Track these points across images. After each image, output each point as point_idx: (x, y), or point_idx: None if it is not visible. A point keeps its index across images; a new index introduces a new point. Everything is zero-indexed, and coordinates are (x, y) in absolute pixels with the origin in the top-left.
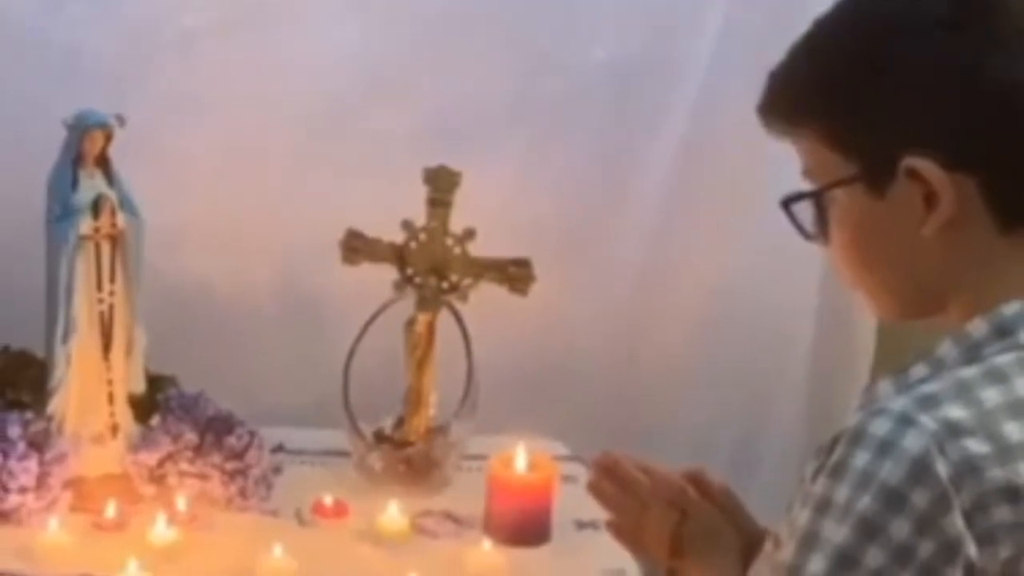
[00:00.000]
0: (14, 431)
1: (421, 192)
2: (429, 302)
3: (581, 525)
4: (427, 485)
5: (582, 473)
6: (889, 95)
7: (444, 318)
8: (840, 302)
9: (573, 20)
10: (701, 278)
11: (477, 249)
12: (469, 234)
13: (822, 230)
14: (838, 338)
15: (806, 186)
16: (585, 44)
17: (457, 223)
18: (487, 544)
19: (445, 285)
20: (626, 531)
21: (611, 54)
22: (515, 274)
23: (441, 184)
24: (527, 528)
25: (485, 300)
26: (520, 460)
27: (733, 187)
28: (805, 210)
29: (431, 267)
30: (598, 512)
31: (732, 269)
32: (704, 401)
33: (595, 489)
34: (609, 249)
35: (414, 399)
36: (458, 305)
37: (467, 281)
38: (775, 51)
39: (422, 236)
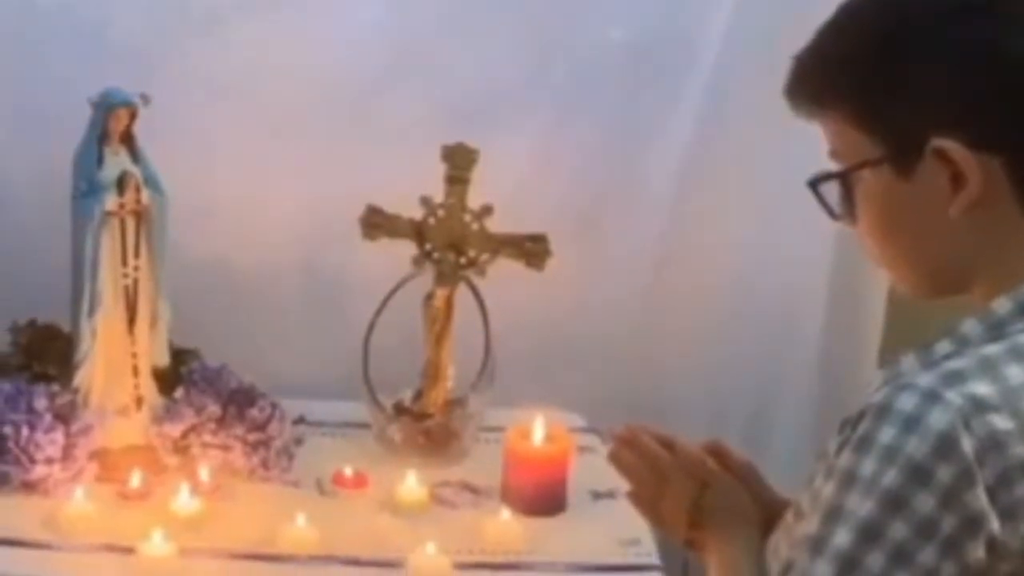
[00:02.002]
0: (40, 403)
1: (439, 169)
2: (447, 277)
3: (597, 495)
4: (445, 456)
5: (598, 444)
6: (916, 76)
7: (462, 293)
8: (851, 281)
9: (589, 0)
10: (715, 255)
11: (494, 225)
12: (487, 210)
13: (849, 210)
14: (848, 316)
15: (833, 167)
16: (601, 24)
17: (475, 200)
18: (505, 514)
19: (463, 260)
20: (646, 502)
21: (626, 33)
22: (532, 249)
23: (459, 161)
24: (544, 498)
25: (502, 275)
26: (537, 432)
27: (747, 166)
28: (832, 190)
29: (449, 243)
30: (614, 483)
31: (746, 246)
32: (718, 375)
33: (615, 459)
34: (624, 225)
35: (433, 372)
36: (476, 280)
37: (485, 256)
38: (789, 31)
39: (440, 212)
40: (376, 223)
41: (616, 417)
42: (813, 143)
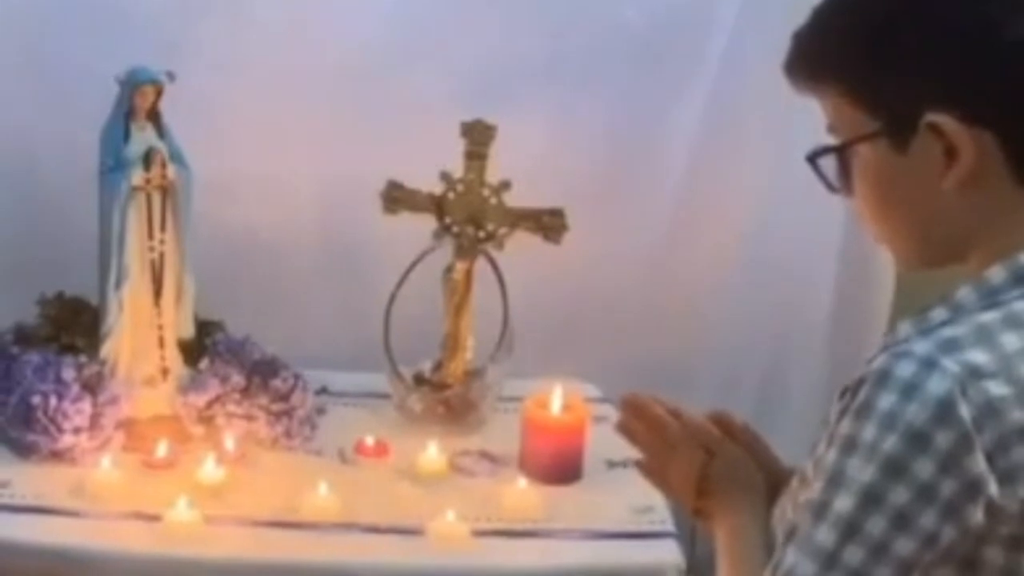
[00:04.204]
0: (68, 374)
1: (459, 145)
2: (466, 250)
3: (612, 464)
4: (464, 426)
5: (613, 414)
6: (909, 53)
7: (481, 266)
8: (861, 245)
9: None
10: (728, 225)
11: (512, 200)
12: (505, 185)
13: (846, 183)
14: (859, 280)
15: (831, 140)
16: (616, 1)
17: (493, 175)
18: (522, 482)
19: (482, 234)
20: (654, 470)
21: (641, 10)
22: (549, 223)
23: (478, 137)
24: (560, 467)
25: (520, 248)
26: (554, 402)
27: (759, 136)
28: (830, 164)
29: (468, 217)
30: (629, 452)
31: (758, 215)
32: (731, 344)
33: (624, 428)
34: (639, 199)
35: (452, 344)
36: (494, 253)
37: (503, 230)
38: (802, 7)
39: (460, 187)
40: (397, 197)
41: (631, 387)
42: (821, 117)
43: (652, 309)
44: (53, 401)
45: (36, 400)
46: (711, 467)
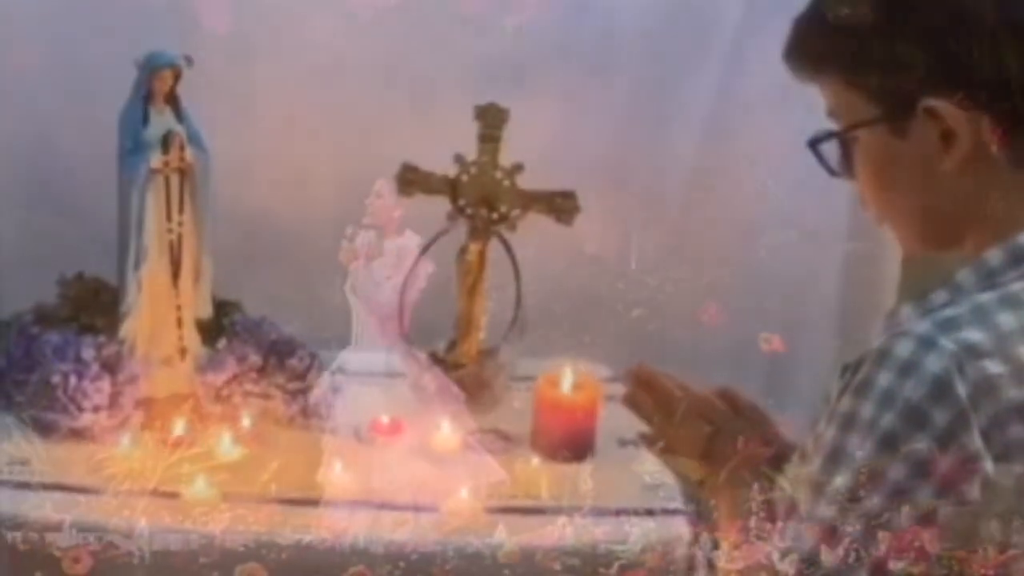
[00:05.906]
0: (88, 353)
1: (472, 128)
2: (480, 232)
3: (623, 442)
4: (478, 405)
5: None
6: (908, 39)
7: (494, 247)
8: (868, 232)
9: None
10: (738, 209)
11: (525, 182)
12: (517, 168)
13: (847, 167)
14: (867, 263)
15: (832, 126)
16: None
17: (506, 157)
18: (534, 460)
19: (495, 216)
20: (660, 443)
21: None
22: (561, 205)
23: (491, 120)
24: (572, 445)
25: (533, 230)
26: (566, 380)
27: (771, 118)
28: (831, 148)
29: (482, 199)
30: (640, 430)
31: (769, 198)
32: (740, 324)
33: (631, 401)
34: (651, 181)
35: (466, 324)
36: (507, 234)
37: (516, 212)
38: None
39: (473, 169)
40: (411, 179)
41: None
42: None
43: (662, 289)
44: (73, 380)
45: (56, 379)
46: (716, 441)
